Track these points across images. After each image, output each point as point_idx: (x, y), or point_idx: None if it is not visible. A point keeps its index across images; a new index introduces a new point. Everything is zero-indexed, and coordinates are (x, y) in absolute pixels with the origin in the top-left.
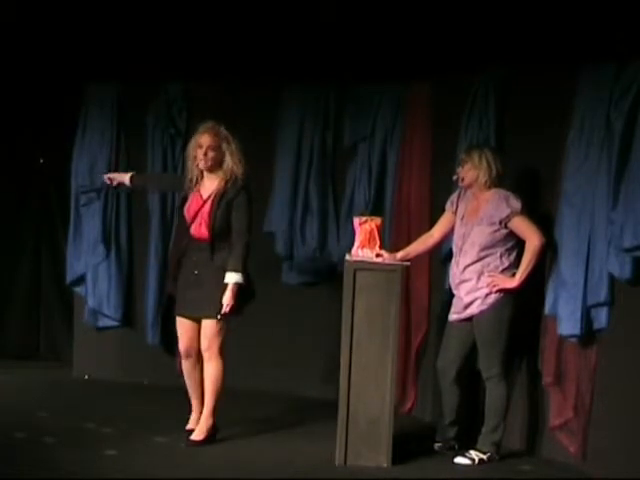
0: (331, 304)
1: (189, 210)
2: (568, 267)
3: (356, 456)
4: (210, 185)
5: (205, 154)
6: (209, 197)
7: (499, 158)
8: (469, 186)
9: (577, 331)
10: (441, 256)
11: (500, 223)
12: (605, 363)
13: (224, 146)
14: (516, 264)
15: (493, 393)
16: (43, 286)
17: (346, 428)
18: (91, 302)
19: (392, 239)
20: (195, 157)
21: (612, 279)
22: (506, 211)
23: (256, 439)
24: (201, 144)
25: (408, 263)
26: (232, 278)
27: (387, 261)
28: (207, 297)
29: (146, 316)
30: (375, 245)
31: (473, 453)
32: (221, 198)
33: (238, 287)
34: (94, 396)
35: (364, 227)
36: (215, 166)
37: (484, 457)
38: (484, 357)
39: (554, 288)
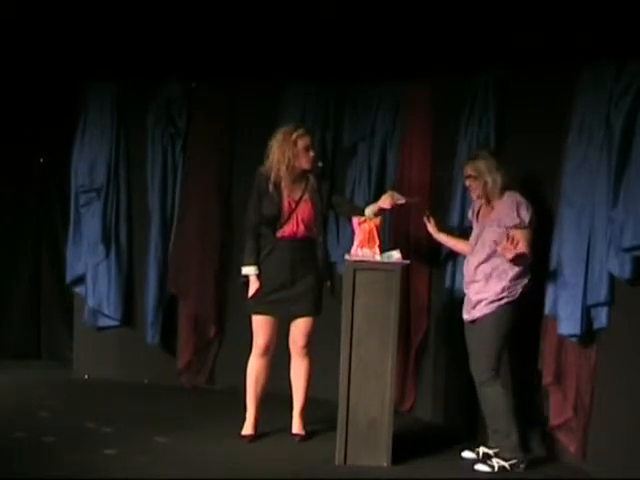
0: (331, 304)
1: (283, 212)
2: (568, 267)
3: (356, 456)
4: (298, 185)
5: (313, 153)
6: (302, 196)
7: (500, 163)
8: (483, 196)
9: (577, 331)
10: (441, 256)
11: (507, 228)
12: (605, 363)
13: None
14: (526, 270)
15: (490, 398)
16: (43, 286)
17: (346, 428)
18: (91, 302)
19: (392, 239)
20: (295, 158)
21: (612, 279)
22: (515, 220)
23: (256, 439)
24: (307, 145)
25: (407, 262)
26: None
27: (431, 230)
28: (305, 295)
29: (146, 316)
30: (374, 245)
31: (494, 460)
32: (318, 195)
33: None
34: (94, 396)
35: (363, 227)
36: None
37: (506, 465)
38: (480, 359)
39: (554, 288)
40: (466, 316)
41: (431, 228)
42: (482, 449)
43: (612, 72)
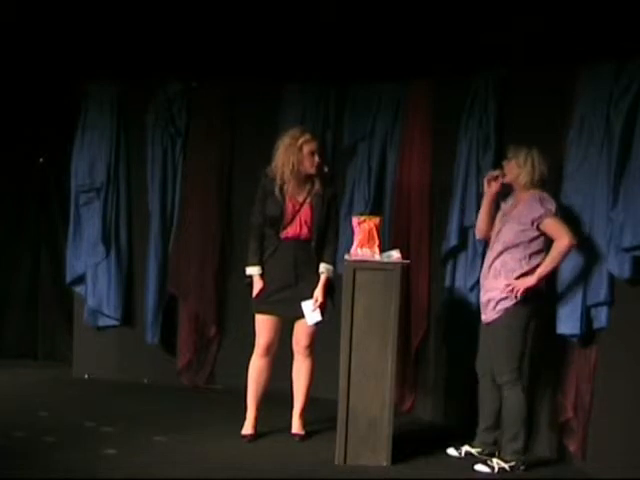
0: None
1: (286, 213)
2: (568, 266)
3: (356, 456)
4: (302, 188)
5: (318, 158)
6: (305, 199)
7: (545, 161)
8: (511, 182)
9: (577, 330)
10: (441, 256)
11: (532, 224)
12: (605, 363)
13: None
14: (532, 271)
15: (508, 400)
16: (43, 286)
17: (346, 428)
18: (91, 302)
19: (391, 238)
20: (299, 163)
21: (612, 278)
22: (540, 211)
23: (256, 438)
24: (313, 150)
25: (407, 261)
26: (328, 270)
27: (491, 191)
28: (309, 295)
29: (146, 316)
30: (374, 244)
31: (495, 461)
32: (320, 198)
33: (329, 281)
34: (94, 395)
35: (363, 226)
36: None
37: (505, 466)
38: (497, 363)
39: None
40: (482, 317)
41: (494, 189)
42: (465, 448)
43: (612, 72)
